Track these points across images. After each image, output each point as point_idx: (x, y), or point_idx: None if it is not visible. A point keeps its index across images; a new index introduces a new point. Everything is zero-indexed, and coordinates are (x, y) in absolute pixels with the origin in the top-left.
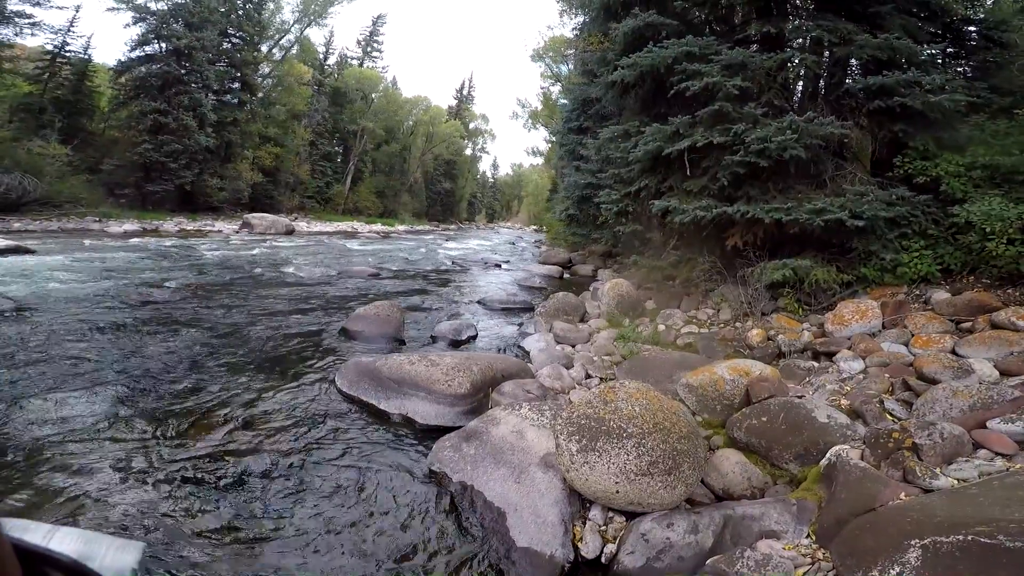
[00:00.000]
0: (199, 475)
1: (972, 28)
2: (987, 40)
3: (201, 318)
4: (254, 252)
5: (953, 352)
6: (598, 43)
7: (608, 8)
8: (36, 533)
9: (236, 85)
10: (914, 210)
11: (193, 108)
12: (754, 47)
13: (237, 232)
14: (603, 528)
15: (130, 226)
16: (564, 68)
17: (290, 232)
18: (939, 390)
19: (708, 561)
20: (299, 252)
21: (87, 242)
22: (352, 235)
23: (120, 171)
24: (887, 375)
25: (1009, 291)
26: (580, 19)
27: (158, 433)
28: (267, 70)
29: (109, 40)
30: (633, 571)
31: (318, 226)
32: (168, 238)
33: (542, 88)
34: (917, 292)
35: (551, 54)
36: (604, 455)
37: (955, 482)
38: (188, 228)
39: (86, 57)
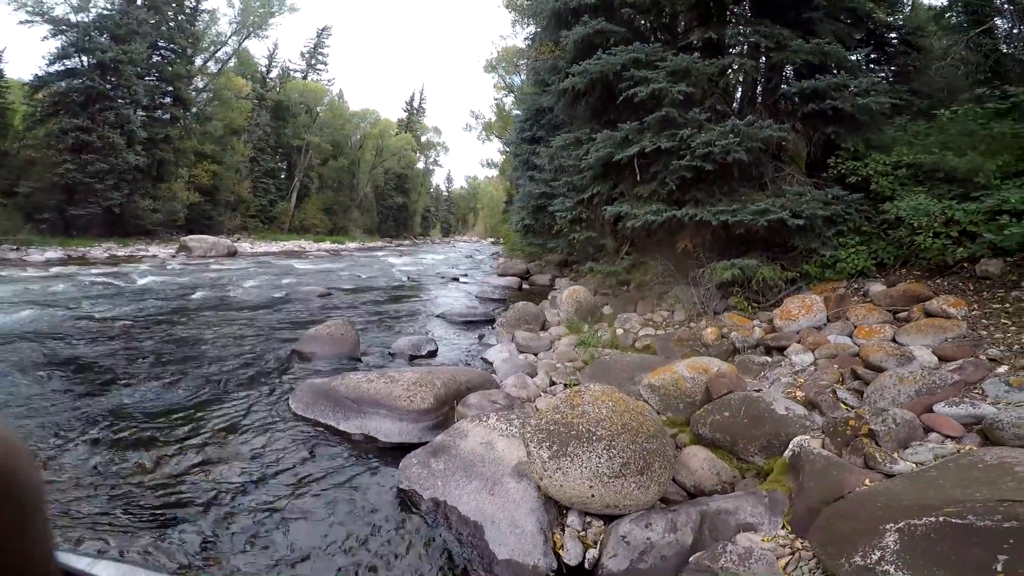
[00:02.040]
0: (151, 510)
1: (893, 34)
2: (907, 45)
3: (139, 350)
4: (194, 277)
5: (894, 340)
6: (550, 52)
7: (559, 16)
8: (80, 562)
9: (168, 100)
10: (848, 208)
11: (120, 125)
12: (696, 54)
13: (174, 256)
14: (582, 533)
15: (53, 254)
16: (517, 79)
17: (232, 254)
18: (886, 377)
19: (691, 558)
20: (243, 275)
21: (3, 273)
22: (300, 254)
23: (39, 194)
24: (836, 366)
25: (938, 281)
26: (532, 29)
27: (102, 470)
28: (202, 84)
29: (24, 54)
30: (619, 574)
31: (263, 246)
32: (97, 266)
33: (495, 99)
34: (856, 286)
35: (504, 64)
36: (576, 460)
37: (913, 466)
38: (119, 254)
39: None
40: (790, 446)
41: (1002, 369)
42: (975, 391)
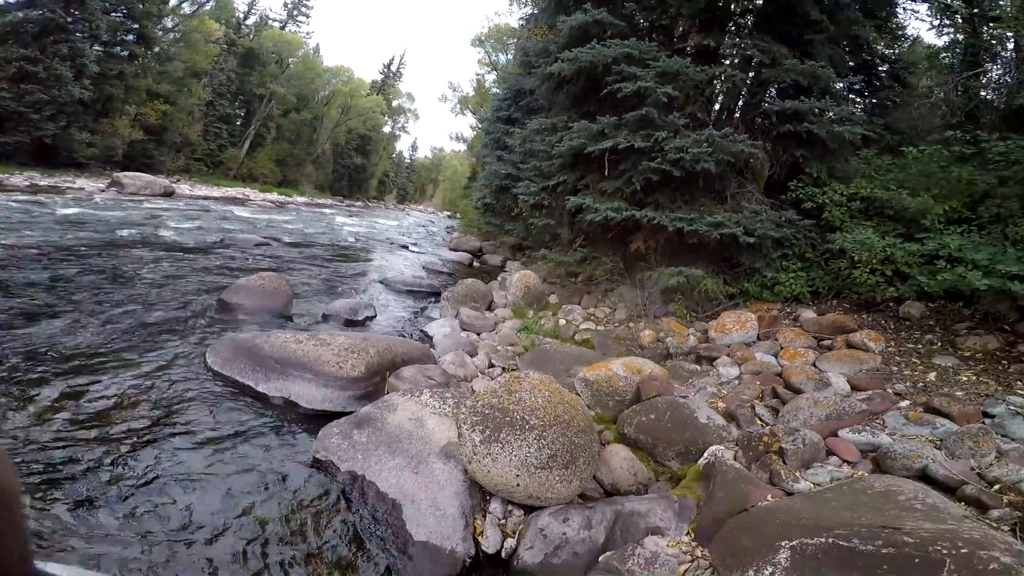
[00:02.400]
0: (40, 466)
1: (884, 67)
2: (894, 79)
3: (47, 284)
4: (122, 213)
5: (815, 365)
6: (543, 35)
7: (561, 1)
8: (55, 569)
9: (131, 37)
10: (798, 233)
11: (72, 58)
12: (689, 59)
13: (103, 191)
14: (503, 522)
15: None
16: (503, 57)
17: (169, 194)
18: (802, 399)
19: (601, 558)
20: (177, 216)
21: None
22: (242, 202)
23: None
24: (759, 382)
25: (864, 316)
26: (528, 10)
27: None
28: (171, 24)
29: None
30: (532, 567)
31: (203, 190)
32: (14, 193)
33: (477, 75)
34: (789, 310)
35: (492, 41)
36: (507, 446)
37: (812, 486)
38: (41, 184)
39: None
40: (705, 454)
41: (904, 403)
42: (877, 421)
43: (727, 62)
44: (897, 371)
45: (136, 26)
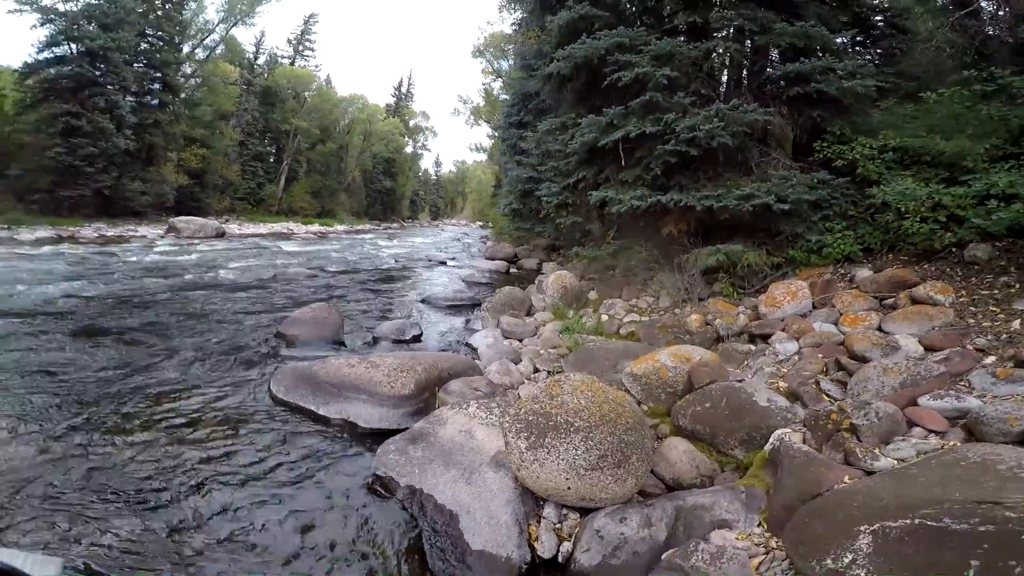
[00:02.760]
0: (129, 490)
1: (879, 17)
2: (892, 27)
3: (125, 327)
4: (182, 257)
5: (880, 329)
6: (536, 37)
7: (544, 1)
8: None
9: (157, 86)
10: (834, 193)
11: (110, 110)
12: (681, 38)
13: (163, 237)
14: (558, 526)
15: (44, 233)
16: (504, 64)
17: (220, 235)
18: (870, 369)
19: (663, 555)
20: (230, 256)
21: None
22: (287, 236)
23: (30, 176)
24: (821, 355)
25: (926, 266)
26: (519, 14)
27: (82, 449)
28: (190, 70)
29: (13, 42)
30: (590, 569)
31: (251, 228)
32: (87, 245)
33: (483, 84)
34: (843, 271)
35: (491, 50)
36: (553, 451)
37: (895, 462)
38: (109, 234)
39: None
40: (771, 440)
41: (989, 360)
42: (961, 383)
43: (719, 35)
44: (975, 324)
45: (159, 75)
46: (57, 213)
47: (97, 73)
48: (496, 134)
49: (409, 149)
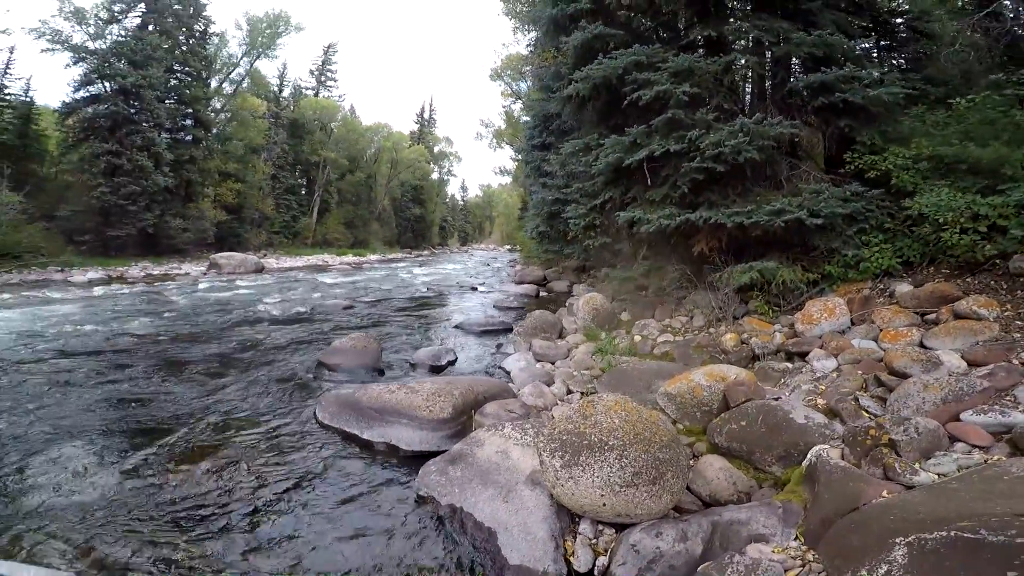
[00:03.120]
0: (183, 515)
1: (899, 21)
2: (915, 32)
3: (175, 362)
4: (225, 294)
5: (921, 345)
6: (552, 58)
7: (557, 22)
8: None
9: (189, 122)
10: (869, 205)
11: (147, 148)
12: (700, 52)
13: (205, 274)
14: (593, 541)
15: (94, 274)
16: (523, 85)
17: (260, 270)
18: (910, 384)
19: (699, 568)
20: (271, 290)
21: (52, 294)
22: (324, 268)
23: (78, 216)
24: (860, 372)
25: (968, 279)
26: (533, 35)
27: (138, 478)
28: (219, 105)
29: (50, 82)
30: None
31: (288, 261)
32: (135, 284)
33: (503, 107)
34: (881, 286)
35: (509, 72)
36: (588, 469)
37: (935, 477)
38: (154, 272)
39: (28, 100)
40: (808, 456)
41: None
42: (1006, 398)
43: (737, 48)
44: (1021, 337)
45: (190, 110)
46: (105, 253)
47: (132, 111)
48: (519, 156)
49: (435, 175)
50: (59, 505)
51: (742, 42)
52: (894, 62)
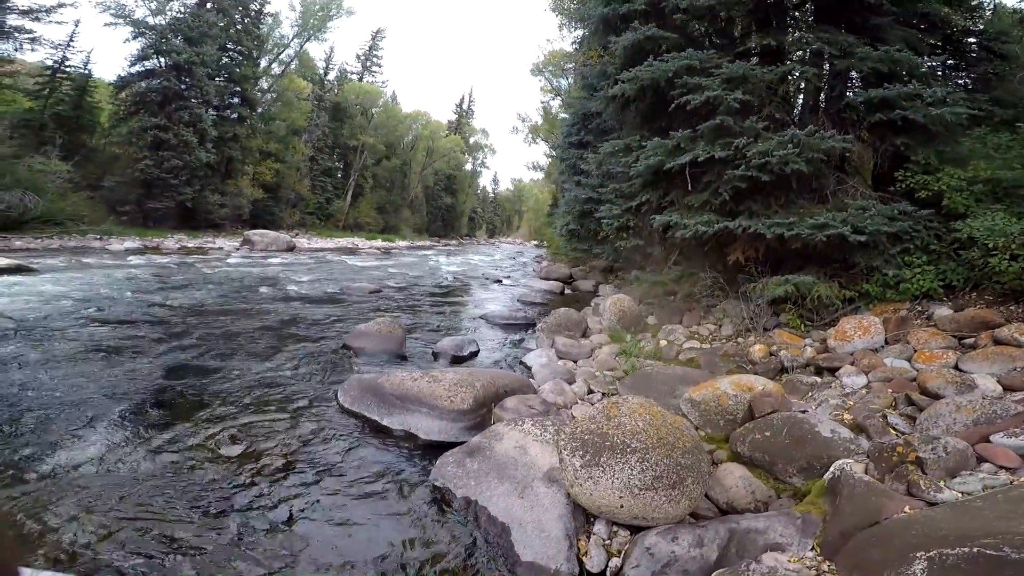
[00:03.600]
0: (202, 495)
1: (972, 40)
2: (987, 51)
3: (203, 336)
4: (255, 270)
5: (956, 367)
6: (598, 57)
7: (608, 22)
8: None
9: (236, 100)
10: (916, 225)
11: (193, 124)
12: (754, 60)
13: (238, 249)
14: (607, 542)
15: (131, 244)
16: (564, 82)
17: (291, 249)
18: (942, 405)
19: (713, 574)
20: (300, 269)
21: (88, 260)
22: (353, 251)
23: (121, 188)
24: (890, 390)
25: (1012, 307)
26: (579, 33)
27: (161, 453)
28: (266, 85)
29: (109, 55)
30: None
31: (319, 242)
32: (169, 255)
33: (542, 102)
34: (919, 308)
35: (550, 68)
36: (608, 470)
37: (959, 495)
38: (189, 245)
39: (86, 72)
40: (831, 469)
41: None
42: None
43: (794, 58)
44: None
45: (238, 89)
46: (144, 224)
47: (183, 87)
48: (554, 153)
49: (469, 166)
50: (74, 485)
51: (800, 53)
52: (960, 81)
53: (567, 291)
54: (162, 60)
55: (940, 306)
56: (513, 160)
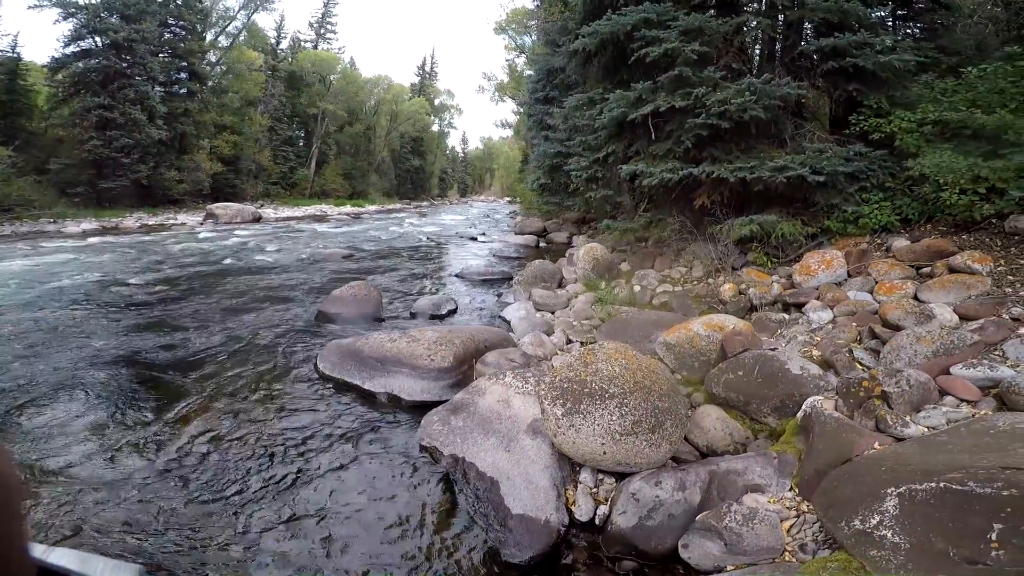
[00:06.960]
0: (184, 469)
1: None
2: (934, 2)
3: (172, 312)
4: (221, 242)
5: (915, 298)
6: (558, 13)
7: None
8: (35, 550)
9: (183, 75)
10: (871, 165)
11: (140, 101)
12: (711, 12)
13: (202, 224)
14: (594, 490)
15: (88, 225)
16: (527, 39)
17: (257, 220)
18: (903, 337)
19: (698, 517)
20: (268, 239)
21: (46, 244)
22: (322, 218)
23: (70, 170)
24: (855, 324)
25: (964, 237)
26: None
27: (137, 430)
28: (215, 58)
29: (38, 37)
30: (626, 531)
31: (286, 212)
32: (130, 234)
33: (507, 60)
34: (879, 241)
35: (513, 26)
36: (588, 417)
37: (925, 430)
38: (150, 223)
39: (15, 56)
40: (803, 407)
41: None
42: (995, 353)
43: (749, 9)
44: (1012, 292)
45: (184, 64)
46: (99, 205)
47: (124, 65)
48: (522, 110)
49: (436, 128)
50: (49, 463)
51: (754, 4)
52: (908, 31)
53: (542, 244)
54: (98, 39)
55: (898, 238)
56: (482, 119)
